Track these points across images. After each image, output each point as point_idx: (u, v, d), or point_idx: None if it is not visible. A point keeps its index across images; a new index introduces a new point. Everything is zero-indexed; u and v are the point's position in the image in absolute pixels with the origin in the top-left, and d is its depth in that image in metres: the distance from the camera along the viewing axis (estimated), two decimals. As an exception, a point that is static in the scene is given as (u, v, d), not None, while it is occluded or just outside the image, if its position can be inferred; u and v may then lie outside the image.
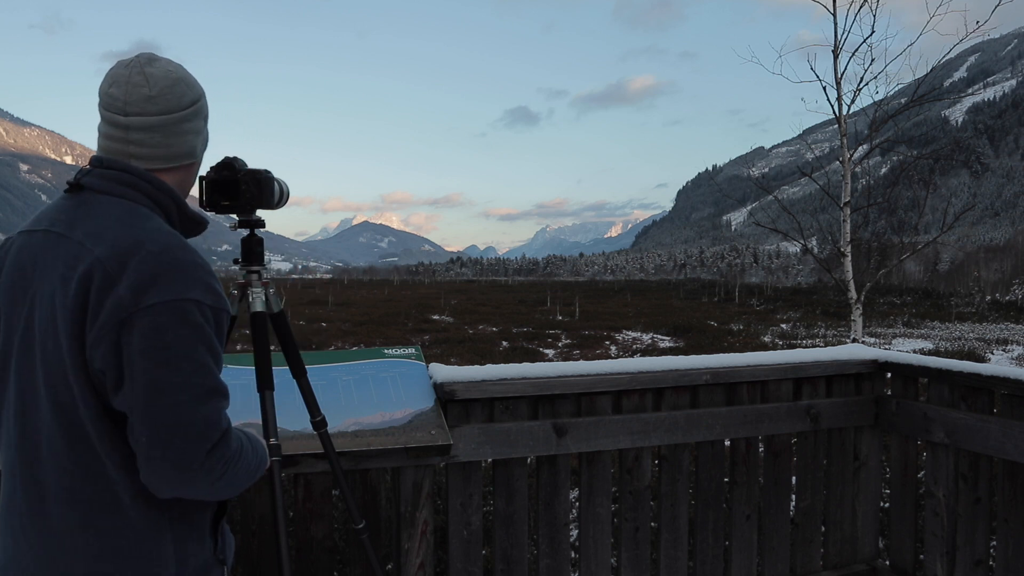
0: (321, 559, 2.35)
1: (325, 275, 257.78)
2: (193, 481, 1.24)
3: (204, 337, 1.26)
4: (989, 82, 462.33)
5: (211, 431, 1.24)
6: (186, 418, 1.21)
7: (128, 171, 1.36)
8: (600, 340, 19.13)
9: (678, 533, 2.83)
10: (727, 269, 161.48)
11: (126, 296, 1.22)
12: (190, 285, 1.26)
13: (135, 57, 1.41)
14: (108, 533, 1.27)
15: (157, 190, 1.38)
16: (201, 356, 1.25)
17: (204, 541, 1.38)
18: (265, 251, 1.91)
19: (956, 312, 29.01)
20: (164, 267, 1.25)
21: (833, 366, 3.06)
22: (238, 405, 2.21)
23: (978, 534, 2.79)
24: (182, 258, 1.28)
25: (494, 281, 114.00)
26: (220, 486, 1.28)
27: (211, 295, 1.30)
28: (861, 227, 10.55)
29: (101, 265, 1.24)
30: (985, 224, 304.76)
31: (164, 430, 1.21)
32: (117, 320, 1.22)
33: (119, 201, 1.33)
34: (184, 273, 1.27)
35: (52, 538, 1.28)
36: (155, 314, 1.22)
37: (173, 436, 1.21)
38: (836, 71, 8.79)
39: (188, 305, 1.25)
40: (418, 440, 2.30)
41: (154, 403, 1.21)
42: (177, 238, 1.33)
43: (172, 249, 1.28)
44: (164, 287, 1.24)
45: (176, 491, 1.25)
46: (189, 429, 1.22)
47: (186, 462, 1.22)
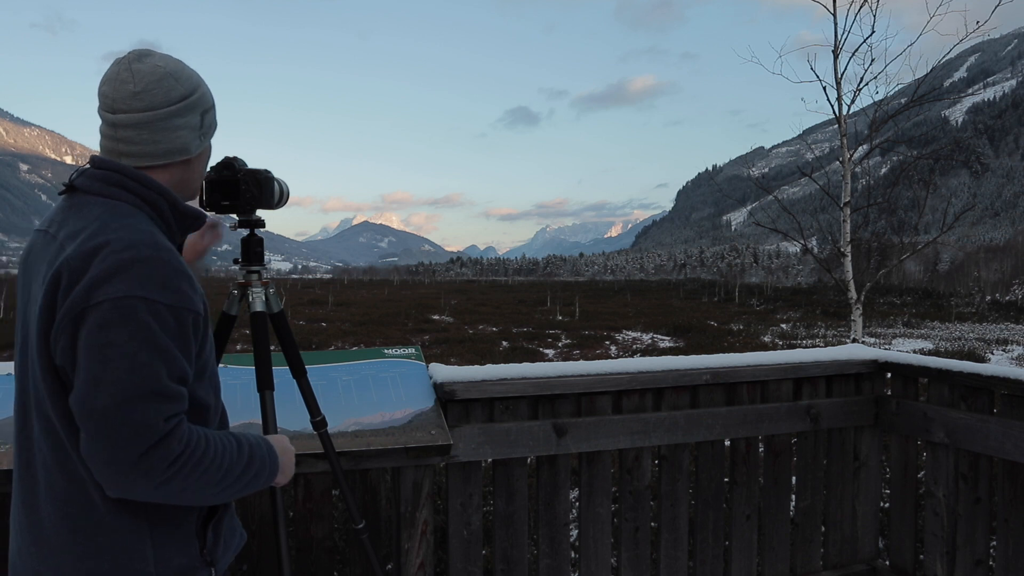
0: (321, 559, 2.35)
1: (325, 275, 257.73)
2: (131, 483, 1.20)
3: (150, 337, 1.22)
4: (989, 82, 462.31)
5: (145, 433, 1.18)
6: (117, 418, 1.18)
7: (117, 170, 1.35)
8: (600, 340, 19.13)
9: (678, 533, 2.83)
10: (727, 269, 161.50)
11: (80, 292, 1.22)
12: (145, 283, 1.23)
13: (127, 54, 1.40)
14: (88, 532, 1.28)
15: (147, 188, 1.36)
16: (143, 355, 1.20)
17: (190, 542, 1.36)
18: (265, 251, 1.91)
19: (956, 312, 29.01)
20: (121, 264, 1.23)
21: (833, 366, 3.06)
22: (238, 405, 2.21)
23: (978, 534, 2.79)
24: (144, 256, 1.25)
25: (494, 281, 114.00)
26: (169, 491, 1.23)
27: (171, 294, 1.25)
28: (861, 227, 10.54)
29: (68, 264, 1.25)
30: (985, 224, 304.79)
31: (96, 428, 1.18)
32: (72, 316, 1.22)
33: (104, 201, 1.33)
34: (142, 271, 1.24)
35: (43, 536, 1.31)
36: (102, 310, 1.20)
37: (104, 435, 1.18)
38: (836, 71, 8.79)
39: (136, 302, 1.21)
40: (418, 440, 2.30)
41: (90, 400, 1.18)
42: (149, 236, 1.29)
43: (136, 246, 1.25)
44: (116, 284, 1.22)
45: (119, 492, 1.22)
46: (120, 429, 1.18)
47: (118, 463, 1.18)
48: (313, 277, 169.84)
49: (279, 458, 1.46)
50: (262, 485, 1.41)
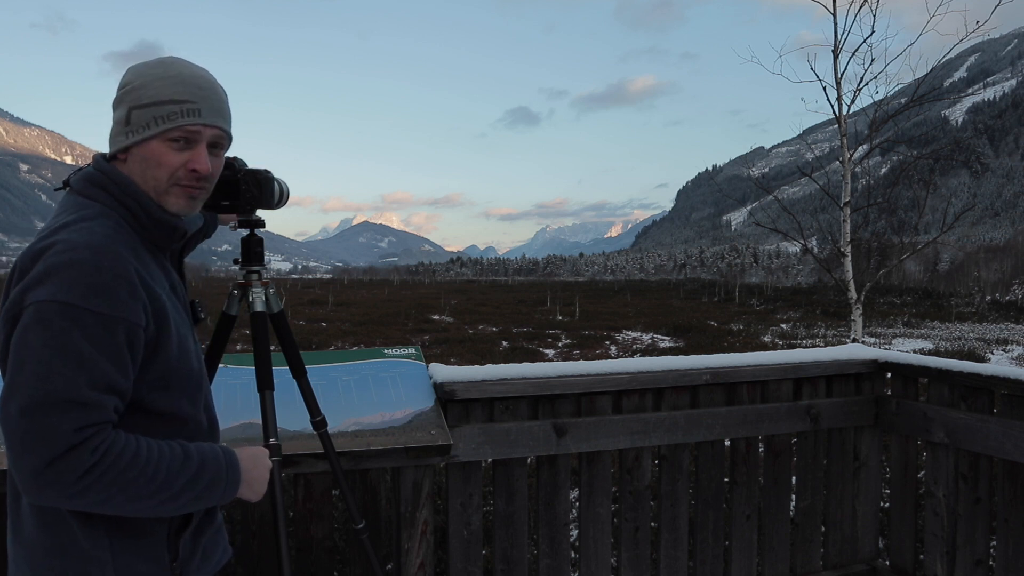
0: (321, 559, 2.35)
1: (325, 275, 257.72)
2: (40, 491, 1.16)
3: (68, 343, 1.17)
4: (989, 82, 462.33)
5: (52, 442, 1.14)
6: (24, 424, 1.14)
7: (101, 170, 1.36)
8: (600, 340, 19.13)
9: (678, 533, 2.83)
10: (727, 269, 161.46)
11: (17, 293, 1.21)
12: (73, 288, 1.18)
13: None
14: (55, 529, 1.28)
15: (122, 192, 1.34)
16: (56, 363, 1.16)
17: (158, 551, 1.34)
18: (265, 251, 1.91)
19: (956, 312, 29.01)
20: (56, 267, 1.20)
21: (833, 366, 3.06)
22: (238, 405, 2.21)
23: (978, 534, 2.79)
24: (80, 259, 1.21)
25: (494, 281, 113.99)
26: (87, 501, 1.18)
27: (99, 300, 1.20)
28: (861, 227, 10.54)
29: (20, 262, 1.25)
30: (985, 224, 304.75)
31: (8, 434, 1.16)
32: (10, 316, 1.21)
33: (81, 201, 1.34)
34: (72, 275, 1.19)
35: (21, 528, 1.32)
36: (28, 313, 1.19)
37: (14, 441, 1.15)
38: (836, 71, 8.79)
39: (57, 307, 1.17)
40: (418, 440, 2.30)
41: (3, 404, 1.17)
42: (99, 239, 1.25)
43: (76, 249, 1.22)
44: (45, 287, 1.19)
45: (32, 499, 1.19)
46: (27, 437, 1.14)
47: (26, 470, 1.15)
48: (313, 277, 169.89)
49: (242, 472, 1.38)
50: (219, 499, 1.34)
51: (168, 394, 1.35)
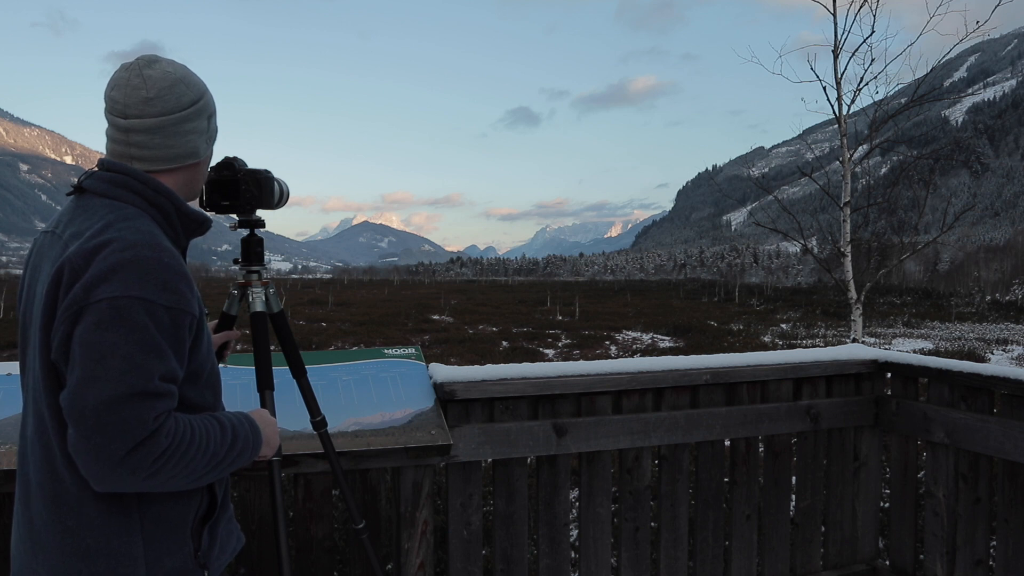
0: (321, 559, 2.35)
1: (325, 275, 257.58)
2: (118, 478, 1.22)
3: (146, 337, 1.23)
4: (989, 82, 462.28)
5: (134, 430, 1.20)
6: (108, 415, 1.19)
7: (125, 173, 1.37)
8: (600, 340, 19.13)
9: (678, 533, 2.83)
10: (727, 269, 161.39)
11: (79, 290, 1.23)
12: (144, 283, 1.24)
13: (136, 60, 1.42)
14: (75, 531, 1.29)
15: (154, 192, 1.38)
16: (138, 356, 1.22)
17: (184, 544, 1.37)
18: (265, 251, 1.91)
19: (956, 312, 29.01)
20: (121, 264, 1.24)
21: (833, 366, 3.06)
22: (238, 405, 2.21)
23: (978, 534, 2.79)
24: (144, 256, 1.26)
25: (494, 281, 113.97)
26: (155, 482, 1.25)
27: (169, 295, 1.27)
28: (861, 227, 10.54)
29: (71, 262, 1.26)
30: (985, 224, 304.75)
31: (87, 425, 1.19)
32: (71, 313, 1.23)
33: (111, 202, 1.35)
34: (140, 271, 1.25)
35: (35, 533, 1.33)
36: (100, 309, 1.22)
37: (94, 431, 1.19)
38: (836, 71, 8.79)
39: (133, 303, 1.23)
40: (418, 440, 2.30)
41: (81, 397, 1.20)
42: (151, 237, 1.31)
43: (136, 247, 1.27)
44: (115, 283, 1.23)
45: (106, 487, 1.24)
46: (111, 426, 1.19)
47: (106, 458, 1.19)
48: (313, 277, 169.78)
49: (261, 432, 1.48)
50: (248, 459, 1.43)
51: (197, 386, 1.40)
